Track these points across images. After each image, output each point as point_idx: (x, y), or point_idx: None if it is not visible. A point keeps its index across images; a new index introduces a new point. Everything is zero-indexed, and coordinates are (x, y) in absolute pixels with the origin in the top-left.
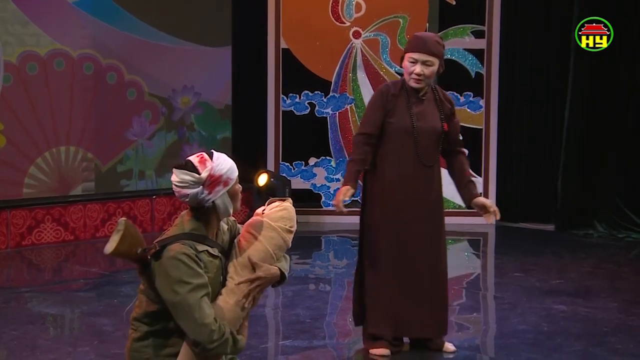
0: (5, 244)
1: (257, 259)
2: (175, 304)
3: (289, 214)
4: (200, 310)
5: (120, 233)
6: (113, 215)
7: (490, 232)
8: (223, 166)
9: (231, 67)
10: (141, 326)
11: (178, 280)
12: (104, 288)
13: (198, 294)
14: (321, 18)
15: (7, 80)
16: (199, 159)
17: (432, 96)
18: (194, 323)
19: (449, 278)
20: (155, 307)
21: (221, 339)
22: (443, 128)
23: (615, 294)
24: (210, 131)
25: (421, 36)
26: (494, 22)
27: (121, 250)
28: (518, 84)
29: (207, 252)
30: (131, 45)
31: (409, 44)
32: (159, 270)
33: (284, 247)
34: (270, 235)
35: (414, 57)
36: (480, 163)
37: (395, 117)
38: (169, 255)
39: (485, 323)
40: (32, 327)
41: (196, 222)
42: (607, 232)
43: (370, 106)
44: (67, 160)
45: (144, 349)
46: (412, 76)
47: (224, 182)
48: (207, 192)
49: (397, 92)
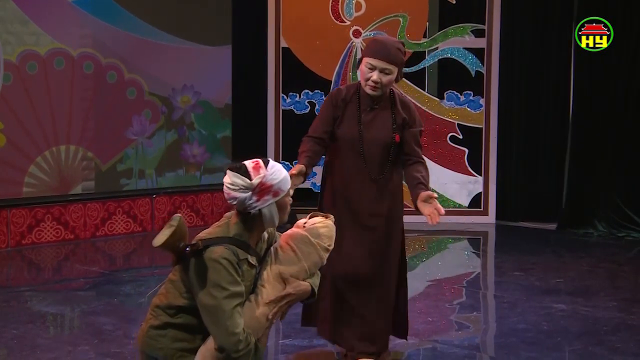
0: (5, 243)
1: (292, 272)
2: (209, 307)
3: (329, 232)
4: (232, 319)
5: (173, 229)
6: (113, 214)
7: (490, 231)
8: (276, 176)
9: (231, 66)
10: (162, 315)
11: (216, 284)
12: (103, 287)
13: (233, 302)
14: (321, 17)
15: (7, 79)
16: (254, 165)
17: (388, 104)
18: (224, 330)
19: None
20: (183, 301)
21: (246, 348)
22: (394, 139)
23: (615, 293)
24: (210, 130)
25: (382, 41)
26: (494, 21)
27: (168, 243)
28: (518, 83)
29: (247, 261)
30: (131, 44)
31: (368, 48)
32: (197, 269)
33: (319, 264)
34: (308, 251)
35: (372, 64)
36: (480, 162)
37: (342, 126)
38: (211, 257)
39: (485, 322)
40: (32, 326)
41: (241, 228)
42: (607, 231)
43: (319, 112)
44: (67, 159)
45: (160, 338)
46: (369, 83)
47: (274, 192)
48: (255, 198)
49: (348, 98)
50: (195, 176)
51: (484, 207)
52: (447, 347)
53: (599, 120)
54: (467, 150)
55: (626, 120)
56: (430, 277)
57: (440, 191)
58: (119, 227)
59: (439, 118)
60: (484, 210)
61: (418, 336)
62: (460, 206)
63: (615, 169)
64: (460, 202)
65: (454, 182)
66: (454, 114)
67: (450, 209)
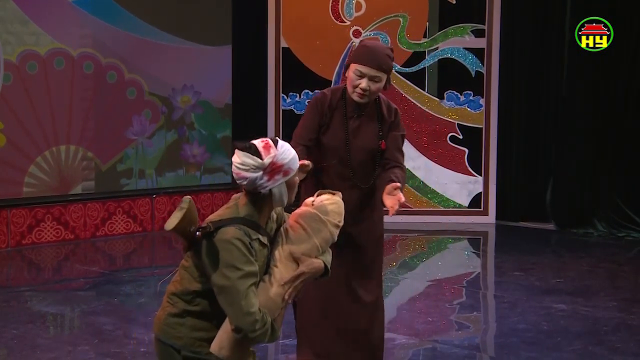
0: (5, 243)
1: (304, 250)
2: (224, 289)
3: (339, 208)
4: (247, 299)
5: (183, 211)
6: (113, 214)
7: (490, 231)
8: (286, 155)
9: (231, 66)
10: (179, 302)
11: (230, 265)
12: (103, 287)
13: (247, 281)
14: (321, 17)
15: (7, 79)
16: (264, 144)
17: (374, 110)
18: (239, 310)
19: (448, 277)
20: (198, 286)
21: (263, 328)
22: (380, 146)
23: (615, 293)
24: (210, 130)
25: (372, 47)
26: (494, 21)
27: (180, 227)
28: (518, 83)
29: (258, 241)
30: (131, 44)
31: (356, 55)
32: (209, 251)
33: (330, 241)
34: (318, 228)
35: (362, 71)
36: (480, 162)
37: (328, 134)
38: (223, 238)
39: (485, 322)
40: (32, 326)
41: (251, 208)
42: (607, 231)
43: (303, 118)
44: (67, 160)
45: (179, 327)
46: (357, 90)
47: (285, 171)
48: (266, 178)
49: (334, 104)
50: (195, 176)
51: (484, 207)
52: (447, 347)
53: (599, 119)
54: (467, 150)
55: (626, 121)
56: (430, 277)
57: (440, 191)
58: (119, 227)
59: (439, 118)
60: (484, 210)
61: (418, 336)
62: (460, 206)
63: (615, 169)
64: (460, 202)
65: (454, 182)
66: (454, 114)
67: (450, 209)
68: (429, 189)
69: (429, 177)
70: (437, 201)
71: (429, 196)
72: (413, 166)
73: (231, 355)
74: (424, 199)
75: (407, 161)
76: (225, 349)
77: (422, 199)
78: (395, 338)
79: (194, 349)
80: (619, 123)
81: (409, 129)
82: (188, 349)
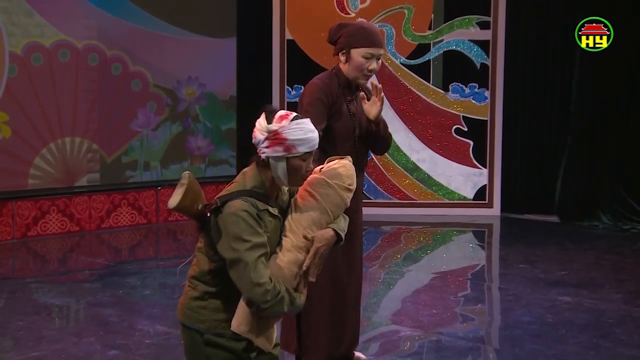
0: (10, 235)
1: (314, 218)
2: (232, 261)
3: (347, 171)
4: (255, 270)
5: (184, 187)
6: (118, 206)
7: (495, 223)
8: (294, 133)
9: (236, 58)
10: (200, 285)
11: (237, 237)
12: (109, 279)
13: (256, 252)
14: (326, 9)
15: (12, 71)
16: (283, 114)
17: (358, 90)
18: (249, 282)
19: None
20: (214, 265)
21: (275, 298)
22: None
23: (620, 285)
24: (215, 122)
25: (373, 29)
26: (500, 13)
27: (183, 205)
28: (523, 75)
29: (267, 212)
30: (136, 36)
31: (361, 38)
32: (218, 227)
33: (342, 206)
34: (326, 192)
35: (372, 53)
36: (485, 154)
37: (339, 121)
38: (229, 212)
39: (490, 314)
40: (38, 317)
41: (258, 180)
42: (612, 223)
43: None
44: (72, 151)
45: (201, 310)
46: (365, 72)
47: (287, 146)
48: (266, 144)
49: (335, 92)
50: (200, 168)
51: (489, 199)
52: (452, 340)
53: (604, 112)
54: (472, 142)
55: (630, 111)
56: (435, 270)
57: (445, 183)
58: (124, 219)
59: (443, 110)
60: (488, 202)
61: (423, 328)
62: (465, 198)
63: (622, 161)
64: (465, 194)
65: (458, 175)
66: (458, 106)
67: (455, 201)
68: (434, 181)
69: (434, 170)
70: (442, 193)
71: (434, 188)
72: (418, 158)
73: (250, 330)
74: (428, 191)
75: (412, 153)
76: (243, 324)
77: (427, 191)
78: (400, 330)
79: (218, 331)
80: (623, 115)
81: (414, 121)
82: (212, 332)
